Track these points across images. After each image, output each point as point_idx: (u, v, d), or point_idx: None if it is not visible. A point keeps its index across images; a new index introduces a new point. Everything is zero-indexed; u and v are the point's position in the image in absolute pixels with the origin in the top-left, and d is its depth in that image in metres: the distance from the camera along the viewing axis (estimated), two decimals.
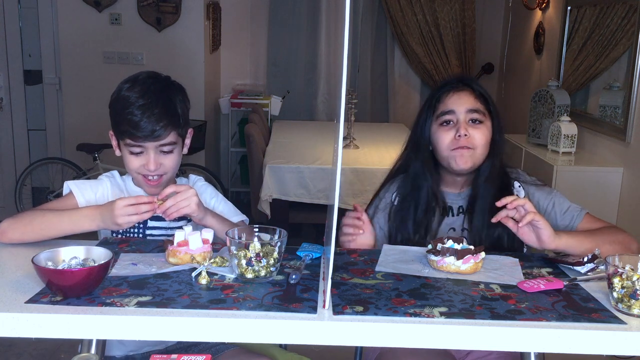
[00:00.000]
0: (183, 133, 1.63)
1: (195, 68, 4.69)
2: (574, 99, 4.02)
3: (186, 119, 1.63)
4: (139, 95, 1.54)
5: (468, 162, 1.64)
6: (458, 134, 1.63)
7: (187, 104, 1.64)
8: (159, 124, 1.53)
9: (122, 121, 1.54)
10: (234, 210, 1.73)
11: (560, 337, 1.14)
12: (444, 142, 1.66)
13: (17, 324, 1.14)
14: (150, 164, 1.57)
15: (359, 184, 3.51)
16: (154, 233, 1.65)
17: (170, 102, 1.57)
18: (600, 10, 3.77)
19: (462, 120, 1.65)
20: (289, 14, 5.59)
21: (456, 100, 1.67)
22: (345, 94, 1.11)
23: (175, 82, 1.67)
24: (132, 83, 1.57)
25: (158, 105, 1.54)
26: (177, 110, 1.58)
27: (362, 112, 5.43)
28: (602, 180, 3.38)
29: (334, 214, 1.16)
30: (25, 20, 4.73)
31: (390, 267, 1.43)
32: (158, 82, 1.60)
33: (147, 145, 1.56)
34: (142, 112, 1.52)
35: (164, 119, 1.54)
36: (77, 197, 1.62)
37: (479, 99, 1.68)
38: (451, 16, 5.40)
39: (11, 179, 4.70)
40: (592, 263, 1.41)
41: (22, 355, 2.80)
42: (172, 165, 1.61)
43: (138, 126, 1.52)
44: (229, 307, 1.17)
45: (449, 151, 1.65)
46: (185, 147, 1.68)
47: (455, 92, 1.68)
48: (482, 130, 1.66)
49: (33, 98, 4.84)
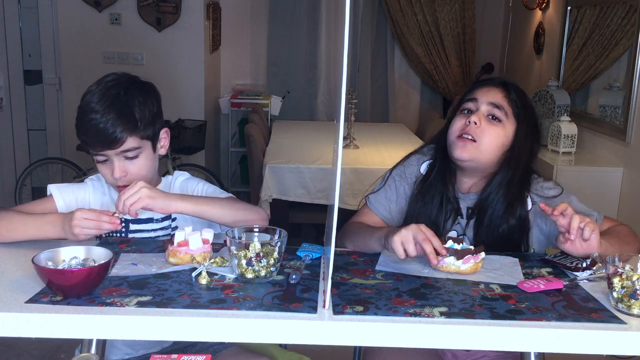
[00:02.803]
0: (148, 135, 1.56)
1: (195, 68, 4.69)
2: (574, 99, 4.02)
3: (150, 121, 1.55)
4: (96, 102, 1.50)
5: (465, 152, 1.57)
6: (468, 120, 1.58)
7: (150, 106, 1.57)
8: (114, 131, 1.49)
9: (81, 130, 1.53)
10: (220, 191, 1.70)
11: (560, 337, 1.14)
12: (454, 127, 1.61)
13: (17, 324, 1.14)
14: (115, 172, 1.53)
15: (359, 184, 3.50)
16: (136, 236, 1.64)
17: (126, 107, 1.51)
18: (600, 10, 3.77)
19: (481, 110, 1.59)
20: (289, 13, 5.59)
21: (484, 92, 1.61)
22: (345, 94, 1.11)
23: (140, 82, 1.60)
24: (95, 87, 1.54)
25: (112, 110, 1.49)
26: (133, 114, 1.51)
27: (362, 112, 5.43)
28: (602, 180, 3.38)
29: (334, 214, 1.16)
30: (25, 20, 4.73)
31: (390, 267, 1.43)
32: (118, 86, 1.54)
33: (108, 153, 1.52)
34: (96, 119, 1.48)
35: (119, 125, 1.49)
36: (57, 201, 1.60)
37: (507, 99, 1.60)
38: (451, 16, 5.40)
39: (11, 179, 4.70)
40: (591, 270, 1.40)
41: (22, 355, 2.80)
42: (139, 170, 1.56)
43: (93, 134, 1.50)
44: (229, 307, 1.17)
45: (454, 137, 1.60)
46: (163, 148, 1.64)
47: (488, 86, 1.63)
48: (496, 129, 1.58)
49: (33, 98, 4.84)
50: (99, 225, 1.42)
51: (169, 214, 1.63)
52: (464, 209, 1.65)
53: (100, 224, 1.42)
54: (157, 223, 1.64)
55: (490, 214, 1.60)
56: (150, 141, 1.58)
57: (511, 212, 1.59)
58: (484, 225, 1.61)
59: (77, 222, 1.41)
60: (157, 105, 1.61)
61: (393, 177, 1.74)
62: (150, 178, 1.62)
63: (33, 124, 4.88)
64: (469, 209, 1.65)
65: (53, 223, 1.47)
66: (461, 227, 1.65)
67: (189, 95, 4.68)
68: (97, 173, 1.69)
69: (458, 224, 1.65)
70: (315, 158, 3.72)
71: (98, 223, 1.42)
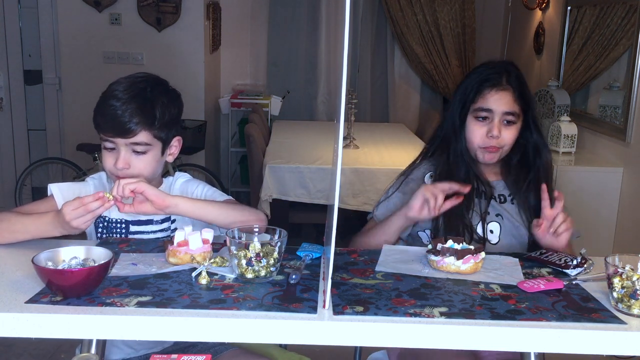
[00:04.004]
0: (161, 136, 1.58)
1: (195, 68, 4.69)
2: (574, 99, 4.02)
3: (167, 123, 1.57)
4: (121, 90, 1.53)
5: (493, 158, 1.73)
6: (491, 134, 1.69)
7: (172, 109, 1.59)
8: (131, 120, 1.50)
9: (98, 113, 1.54)
10: (219, 194, 1.70)
11: (560, 337, 1.14)
12: (476, 136, 1.72)
13: (17, 324, 1.14)
14: (119, 162, 1.54)
15: (359, 184, 3.51)
16: (136, 237, 1.64)
17: (149, 101, 1.54)
18: (600, 10, 3.77)
19: (496, 120, 1.69)
20: (289, 13, 5.59)
21: (497, 100, 1.69)
22: (345, 94, 1.11)
23: (167, 86, 1.63)
24: (124, 79, 1.56)
25: (134, 101, 1.51)
26: (154, 110, 1.53)
27: (362, 112, 5.43)
28: (602, 180, 3.38)
29: (334, 214, 1.16)
30: (25, 20, 4.74)
31: (390, 267, 1.43)
32: (146, 82, 1.57)
33: (118, 141, 1.54)
34: (117, 106, 1.50)
35: (137, 116, 1.51)
36: (58, 200, 1.60)
37: (518, 100, 1.71)
38: (451, 16, 5.40)
39: (11, 179, 4.70)
40: (581, 267, 1.41)
41: (22, 355, 2.80)
42: (143, 167, 1.56)
43: (110, 119, 1.51)
44: (229, 307, 1.17)
45: (478, 148, 1.72)
46: (172, 155, 1.65)
47: (498, 90, 1.70)
48: (512, 130, 1.71)
49: (33, 98, 4.84)
50: (87, 209, 1.41)
51: (168, 216, 1.63)
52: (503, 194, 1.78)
53: (87, 206, 1.41)
54: (157, 225, 1.64)
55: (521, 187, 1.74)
56: (161, 142, 1.59)
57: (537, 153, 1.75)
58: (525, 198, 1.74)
59: (69, 217, 1.41)
60: (178, 112, 1.63)
61: (399, 191, 1.79)
62: (150, 180, 1.62)
63: (33, 124, 4.88)
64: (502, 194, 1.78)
65: (51, 222, 1.47)
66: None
67: (189, 95, 4.62)
68: (97, 173, 1.69)
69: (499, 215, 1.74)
70: (315, 158, 3.72)
71: (85, 207, 1.41)
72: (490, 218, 1.72)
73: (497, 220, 1.72)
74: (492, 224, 1.71)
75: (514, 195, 1.75)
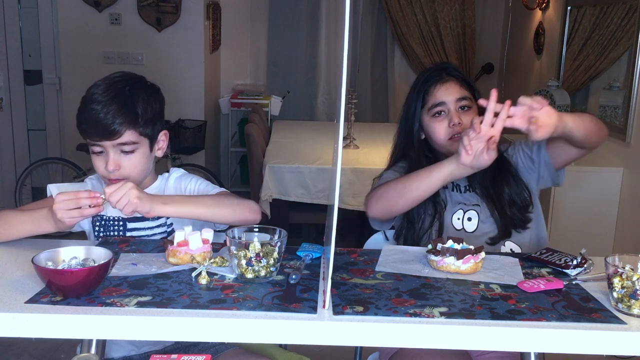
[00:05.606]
0: (147, 133, 1.58)
1: (195, 68, 4.69)
2: (574, 99, 4.02)
3: (150, 119, 1.58)
4: (100, 93, 1.53)
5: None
6: (452, 123, 1.73)
7: (153, 105, 1.59)
8: (114, 122, 1.51)
9: (81, 118, 1.54)
10: (212, 186, 1.70)
11: (560, 337, 1.14)
12: (440, 132, 1.76)
13: (17, 324, 1.14)
14: (109, 164, 1.54)
15: (359, 184, 3.50)
16: (134, 234, 1.65)
17: (129, 100, 1.54)
18: (600, 10, 3.77)
19: (452, 110, 1.75)
20: (289, 13, 5.58)
21: (444, 91, 1.76)
22: (345, 94, 1.11)
23: (146, 82, 1.63)
24: (102, 81, 1.57)
25: (115, 102, 1.51)
26: (135, 108, 1.54)
27: (362, 112, 5.42)
28: (602, 180, 3.38)
29: (334, 214, 1.16)
30: (25, 20, 4.73)
31: (390, 267, 1.43)
32: (124, 82, 1.57)
33: (105, 144, 1.54)
34: (98, 109, 1.50)
35: (120, 116, 1.51)
36: None
37: (464, 86, 1.78)
38: (451, 16, 5.40)
39: (11, 179, 4.70)
40: (581, 267, 1.41)
41: (22, 355, 2.80)
42: (133, 166, 1.57)
43: (93, 123, 1.51)
44: (229, 307, 1.17)
45: (446, 141, 1.75)
46: (160, 150, 1.65)
47: (442, 83, 1.77)
48: (471, 114, 1.75)
49: (33, 98, 4.84)
50: (78, 203, 1.40)
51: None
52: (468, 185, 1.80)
53: (78, 200, 1.40)
54: (153, 221, 1.65)
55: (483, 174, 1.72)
56: (148, 139, 1.60)
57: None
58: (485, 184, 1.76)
59: (58, 206, 1.40)
60: (160, 107, 1.64)
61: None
62: (142, 177, 1.63)
63: (33, 124, 4.88)
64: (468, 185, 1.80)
65: (46, 217, 1.48)
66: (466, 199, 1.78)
67: (189, 95, 4.67)
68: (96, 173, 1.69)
69: (464, 204, 1.77)
70: (315, 158, 3.72)
71: (77, 200, 1.40)
72: (468, 207, 1.76)
73: (474, 208, 1.75)
74: (470, 212, 1.75)
75: (481, 187, 1.77)
